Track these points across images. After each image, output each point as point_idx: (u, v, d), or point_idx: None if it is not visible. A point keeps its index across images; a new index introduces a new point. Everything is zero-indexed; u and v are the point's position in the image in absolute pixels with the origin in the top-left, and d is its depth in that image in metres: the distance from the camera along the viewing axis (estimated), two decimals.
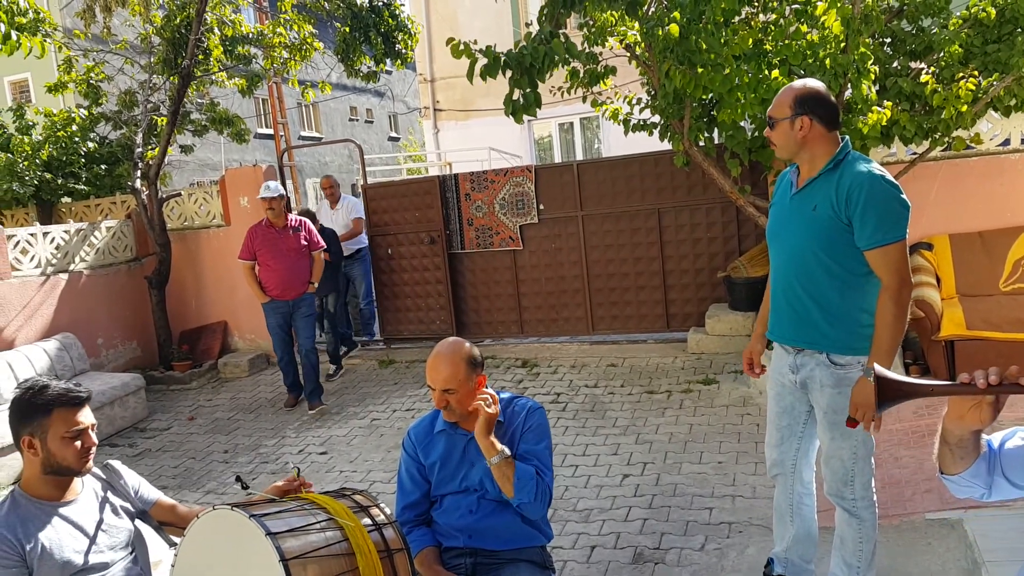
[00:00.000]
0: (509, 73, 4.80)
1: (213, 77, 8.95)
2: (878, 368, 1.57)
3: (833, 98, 2.68)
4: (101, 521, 2.29)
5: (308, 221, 6.67)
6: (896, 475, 4.10)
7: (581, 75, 5.81)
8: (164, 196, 8.28)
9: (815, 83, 2.69)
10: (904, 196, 2.55)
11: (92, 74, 9.04)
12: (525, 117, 4.89)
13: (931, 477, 3.93)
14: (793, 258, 2.74)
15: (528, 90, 4.83)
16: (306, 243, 6.43)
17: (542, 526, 2.62)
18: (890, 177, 2.59)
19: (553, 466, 2.63)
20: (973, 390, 1.50)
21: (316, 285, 6.52)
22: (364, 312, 8.35)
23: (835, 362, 2.68)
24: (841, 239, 2.60)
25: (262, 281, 6.37)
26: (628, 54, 5.71)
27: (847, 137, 2.73)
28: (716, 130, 5.75)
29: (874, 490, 2.86)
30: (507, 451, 2.43)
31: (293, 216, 6.59)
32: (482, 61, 4.68)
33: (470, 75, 4.59)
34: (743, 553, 3.58)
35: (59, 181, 9.36)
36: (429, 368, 2.52)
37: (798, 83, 2.70)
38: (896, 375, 1.56)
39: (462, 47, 4.69)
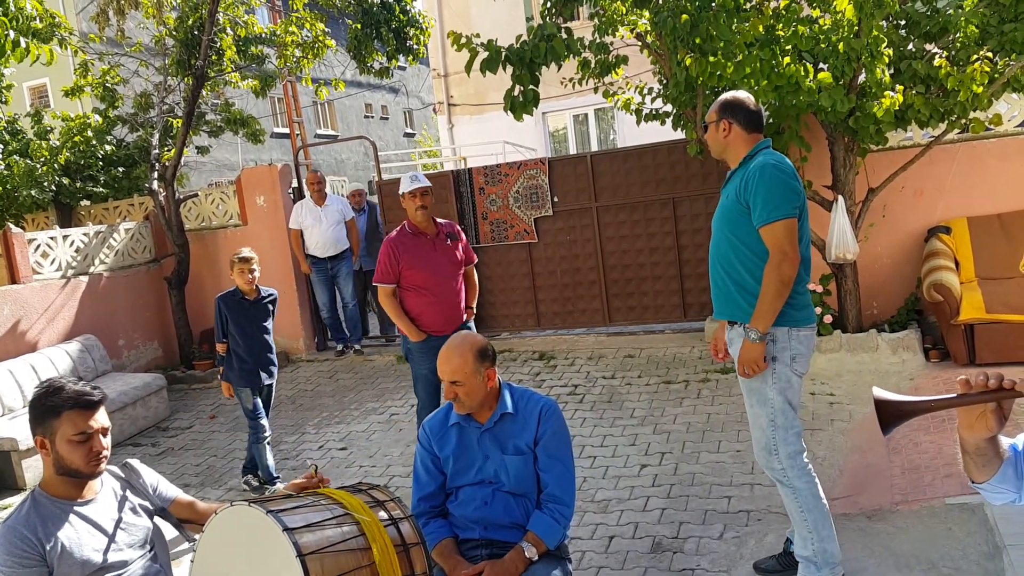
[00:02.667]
0: (511, 69, 4.80)
1: (227, 77, 9.00)
2: (877, 392, 1.58)
3: (755, 106, 3.04)
4: (120, 520, 2.32)
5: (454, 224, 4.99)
6: (916, 461, 4.07)
7: (592, 65, 5.79)
8: (181, 197, 8.36)
9: (740, 93, 3.10)
10: (794, 182, 2.88)
11: (108, 77, 9.13)
12: (541, 110, 4.91)
13: (951, 462, 3.90)
14: (716, 242, 3.09)
15: (529, 87, 4.82)
16: (463, 256, 4.68)
17: None
18: (785, 166, 2.91)
19: (574, 458, 2.67)
20: (970, 400, 1.51)
21: (474, 311, 4.85)
22: (351, 314, 8.09)
23: (747, 328, 2.96)
24: (745, 222, 2.94)
25: (413, 313, 4.51)
26: (639, 43, 5.68)
27: (767, 139, 3.06)
28: None
29: (805, 462, 3.01)
30: (533, 558, 2.47)
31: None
32: (482, 55, 4.67)
33: (468, 68, 4.60)
34: (762, 541, 3.57)
35: (77, 184, 9.48)
36: (439, 361, 2.57)
37: (726, 93, 3.12)
38: (895, 396, 1.57)
39: (463, 40, 4.69)
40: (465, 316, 4.65)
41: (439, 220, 4.67)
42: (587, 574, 3.53)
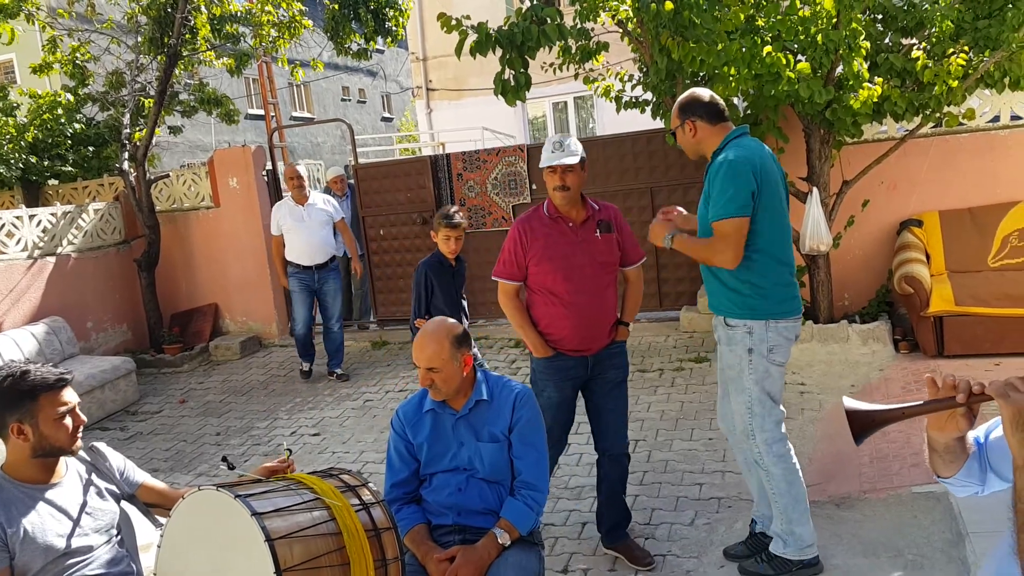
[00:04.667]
0: (500, 52, 4.74)
1: (201, 57, 8.85)
2: (848, 403, 1.61)
3: (711, 98, 3.06)
4: (85, 504, 2.29)
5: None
6: (884, 450, 4.13)
7: (573, 51, 5.76)
8: (152, 178, 8.22)
9: (694, 90, 3.14)
10: (743, 179, 2.87)
11: (78, 54, 8.93)
12: (525, 96, 4.84)
13: (918, 452, 3.96)
14: (701, 234, 3.14)
15: (520, 71, 4.76)
16: (619, 252, 3.46)
17: None
18: (742, 161, 2.90)
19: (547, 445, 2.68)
20: (941, 406, 1.54)
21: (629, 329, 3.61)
22: (334, 336, 6.78)
23: (728, 324, 3.08)
24: None
25: (540, 323, 3.41)
26: (620, 30, 5.66)
27: (737, 127, 3.07)
28: None
29: (786, 449, 3.08)
30: (506, 543, 2.46)
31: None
32: (472, 38, 4.62)
33: (459, 51, 4.53)
34: (732, 527, 3.61)
35: (45, 163, 9.28)
36: (415, 347, 2.55)
37: (682, 96, 3.16)
38: (866, 406, 1.58)
39: (453, 22, 4.63)
40: (616, 334, 3.48)
41: (595, 202, 3.44)
42: (559, 560, 3.54)
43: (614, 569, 3.43)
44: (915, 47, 5.09)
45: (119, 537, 2.35)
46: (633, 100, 6.17)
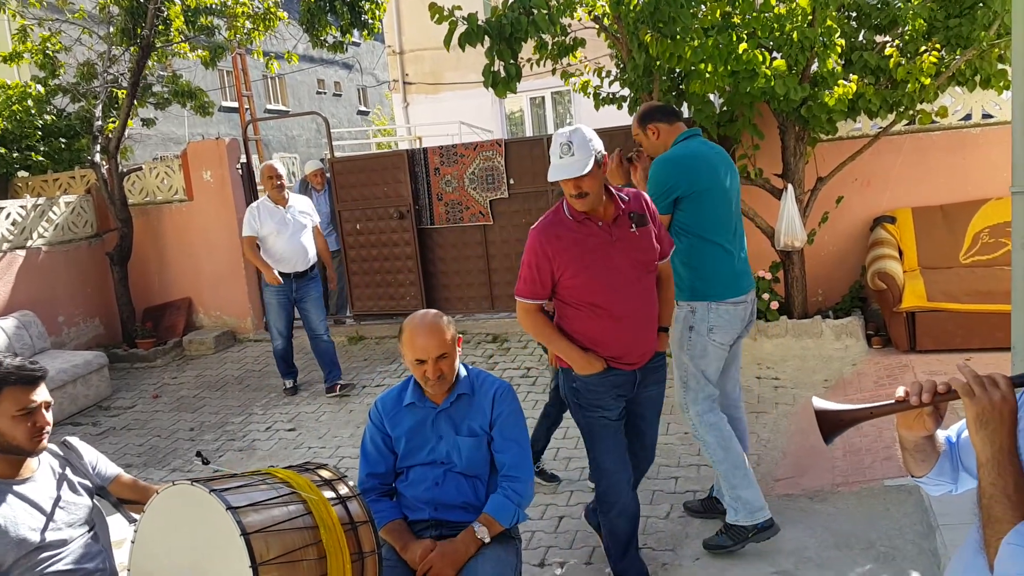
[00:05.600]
0: (487, 45, 4.68)
1: (174, 48, 8.73)
2: (817, 403, 1.63)
3: (662, 102, 3.55)
4: (59, 498, 2.26)
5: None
6: (857, 444, 4.19)
7: (550, 47, 5.75)
8: (125, 170, 8.11)
9: (647, 103, 3.64)
10: (663, 179, 3.19)
11: (48, 44, 8.77)
12: (516, 87, 4.80)
13: (890, 445, 4.02)
14: None
15: (510, 61, 4.70)
16: (657, 246, 2.97)
17: None
18: (670, 160, 3.22)
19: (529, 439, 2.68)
20: (908, 407, 1.57)
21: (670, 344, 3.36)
22: (325, 347, 6.20)
23: (679, 304, 3.34)
24: None
25: (586, 339, 2.92)
26: (596, 26, 5.66)
27: (688, 130, 3.34)
28: (685, 104, 5.75)
29: (718, 419, 3.30)
30: (485, 539, 2.45)
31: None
32: (462, 28, 4.55)
33: (447, 41, 4.45)
34: (707, 521, 3.63)
35: (15, 155, 9.11)
36: (419, 342, 2.47)
37: (639, 109, 3.45)
38: (834, 406, 1.61)
39: (446, 12, 4.56)
40: (656, 345, 3.06)
41: (622, 192, 2.94)
42: (536, 554, 3.55)
43: (590, 562, 3.44)
44: (888, 45, 5.16)
45: (93, 532, 2.32)
46: (610, 96, 6.18)
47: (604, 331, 2.87)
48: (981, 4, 4.89)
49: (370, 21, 8.71)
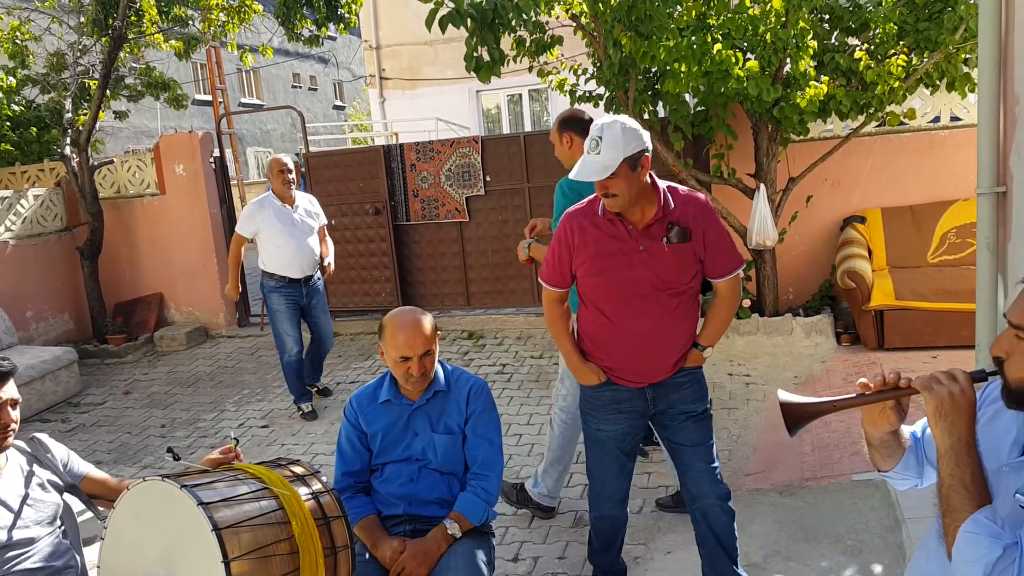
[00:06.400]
0: (470, 28, 4.58)
1: (147, 40, 8.62)
2: (782, 396, 1.67)
3: (590, 117, 3.39)
4: (26, 496, 2.23)
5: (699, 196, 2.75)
6: (825, 439, 4.25)
7: (528, 44, 5.76)
8: (96, 163, 7.99)
9: (575, 109, 3.67)
10: (560, 198, 3.40)
11: (17, 34, 8.62)
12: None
13: (857, 441, 4.08)
14: None
15: (493, 46, 4.61)
16: (695, 266, 2.62)
17: None
18: (564, 182, 3.39)
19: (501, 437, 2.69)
20: (870, 399, 1.62)
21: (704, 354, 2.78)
22: (325, 352, 5.97)
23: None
24: None
25: (584, 341, 2.78)
26: (574, 24, 5.68)
27: None
28: (660, 103, 5.79)
29: (568, 423, 3.68)
30: (456, 535, 2.47)
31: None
32: (444, 11, 4.45)
33: (429, 23, 4.34)
34: (679, 516, 3.67)
35: None
36: (404, 339, 2.46)
37: (564, 111, 3.62)
38: (798, 399, 1.65)
39: None
40: (684, 358, 2.70)
41: (673, 193, 2.60)
42: (510, 549, 3.57)
43: (564, 556, 3.47)
44: (858, 48, 5.23)
45: (62, 529, 2.30)
46: (587, 94, 6.20)
47: (604, 341, 2.68)
48: (949, 8, 4.98)
49: (346, 15, 8.67)
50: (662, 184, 2.58)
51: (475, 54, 4.62)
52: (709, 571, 2.85)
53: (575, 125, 3.52)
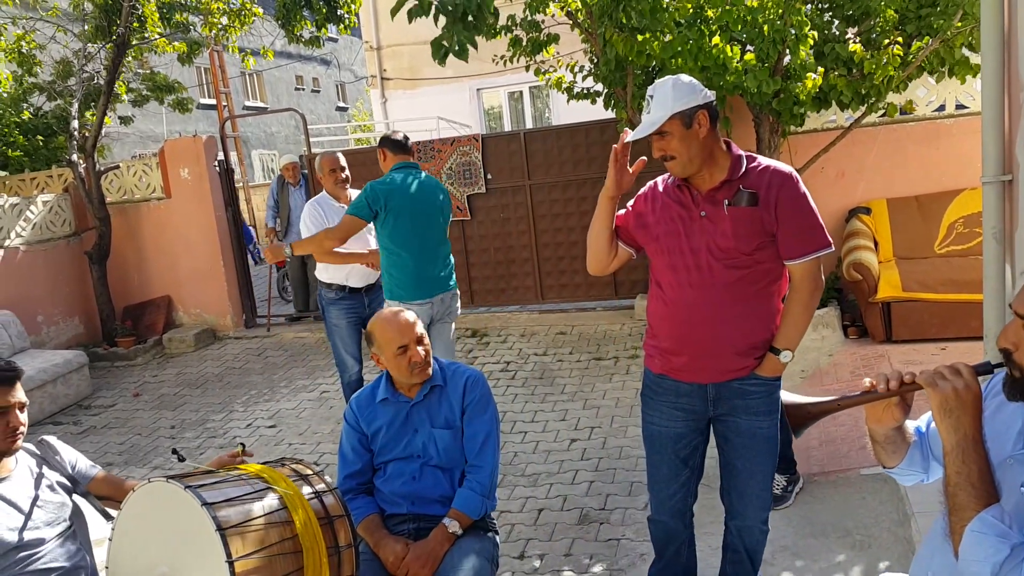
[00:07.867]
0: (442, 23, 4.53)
1: (150, 45, 8.64)
2: (786, 397, 1.67)
3: (402, 136, 4.22)
4: (36, 497, 2.25)
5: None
6: (833, 433, 4.24)
7: (524, 43, 5.76)
8: (102, 169, 8.04)
9: (391, 131, 4.41)
10: (364, 196, 3.97)
11: (23, 42, 8.66)
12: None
13: (865, 435, 4.05)
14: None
15: (464, 35, 4.49)
16: (760, 241, 2.38)
17: None
18: (371, 186, 3.98)
19: (501, 432, 2.69)
20: (875, 397, 1.60)
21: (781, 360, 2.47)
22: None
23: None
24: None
25: (650, 322, 2.60)
26: (570, 21, 5.68)
27: (402, 163, 4.11)
28: None
29: None
30: (457, 532, 2.47)
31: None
32: (411, 3, 4.38)
33: (394, 12, 4.27)
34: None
35: None
36: (395, 331, 2.54)
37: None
38: (803, 399, 1.64)
39: None
40: (757, 361, 2.44)
41: (753, 160, 2.40)
42: (516, 546, 3.57)
43: (570, 554, 3.47)
44: (855, 37, 5.19)
45: (71, 530, 2.32)
46: (584, 91, 6.19)
47: (660, 314, 2.48)
48: None
49: (346, 16, 8.67)
50: (741, 151, 2.40)
51: (444, 44, 4.44)
52: (731, 573, 2.74)
53: (388, 144, 4.17)
